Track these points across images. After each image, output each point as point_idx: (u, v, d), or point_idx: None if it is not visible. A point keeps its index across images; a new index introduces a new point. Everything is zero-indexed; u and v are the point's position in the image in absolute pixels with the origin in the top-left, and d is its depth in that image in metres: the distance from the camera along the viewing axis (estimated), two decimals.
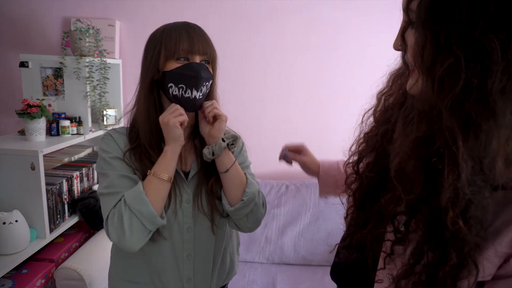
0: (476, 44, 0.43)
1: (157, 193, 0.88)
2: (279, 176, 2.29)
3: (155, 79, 0.93)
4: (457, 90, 0.44)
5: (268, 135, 2.29)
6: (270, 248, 2.06)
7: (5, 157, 1.54)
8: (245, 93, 2.27)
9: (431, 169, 0.49)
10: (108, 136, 0.98)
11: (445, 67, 0.45)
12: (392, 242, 0.59)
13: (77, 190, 1.90)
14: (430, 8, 0.47)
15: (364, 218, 0.68)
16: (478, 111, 0.44)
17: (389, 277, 0.63)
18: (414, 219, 0.54)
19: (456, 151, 0.45)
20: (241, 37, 2.20)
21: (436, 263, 0.51)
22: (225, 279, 1.08)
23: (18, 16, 2.21)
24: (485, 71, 0.43)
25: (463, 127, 0.45)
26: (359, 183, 0.73)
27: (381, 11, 2.09)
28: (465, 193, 0.46)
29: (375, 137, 0.70)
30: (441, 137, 0.47)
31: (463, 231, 0.47)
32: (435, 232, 0.50)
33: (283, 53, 2.21)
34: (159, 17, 2.17)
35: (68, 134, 1.86)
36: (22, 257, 1.51)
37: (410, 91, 0.56)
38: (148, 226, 0.87)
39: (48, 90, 1.96)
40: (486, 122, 0.44)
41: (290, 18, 2.16)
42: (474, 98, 0.44)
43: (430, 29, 0.47)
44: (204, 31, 0.94)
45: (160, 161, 0.90)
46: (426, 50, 0.47)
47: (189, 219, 0.96)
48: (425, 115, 0.49)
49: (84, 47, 1.89)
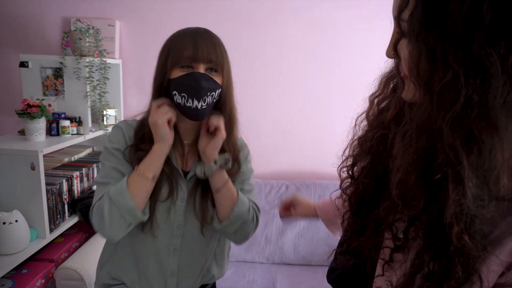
0: (474, 58, 0.42)
1: (140, 190, 0.90)
2: (279, 176, 2.29)
3: (164, 85, 0.93)
4: (458, 107, 0.43)
5: (268, 135, 2.29)
6: (270, 248, 2.06)
7: (5, 157, 1.54)
8: (245, 93, 2.26)
9: (432, 183, 0.48)
10: (117, 127, 0.99)
11: (444, 82, 0.44)
12: (391, 249, 0.58)
13: (77, 190, 1.90)
14: (423, 20, 0.45)
15: (361, 224, 0.67)
16: (480, 127, 0.43)
17: (387, 284, 0.62)
18: (413, 227, 0.53)
19: (461, 168, 0.44)
20: (241, 37, 2.20)
21: (440, 275, 0.50)
22: (210, 279, 1.09)
23: (18, 16, 2.21)
24: (485, 86, 0.42)
25: (465, 143, 0.44)
26: (355, 188, 0.71)
27: (382, 11, 2.08)
28: (470, 209, 0.45)
29: (369, 142, 0.69)
30: (443, 154, 0.46)
31: (469, 246, 0.46)
32: (437, 242, 0.50)
33: (283, 53, 2.21)
34: (159, 17, 2.17)
35: (68, 134, 1.86)
36: (22, 257, 1.51)
37: (405, 97, 0.55)
38: (128, 219, 0.90)
39: (48, 90, 1.96)
40: (489, 137, 0.43)
41: (290, 18, 2.16)
42: (475, 113, 0.43)
43: (425, 42, 0.45)
44: (214, 38, 0.93)
45: (146, 159, 0.91)
46: (421, 63, 0.46)
47: (181, 217, 0.98)
48: (425, 129, 0.48)
49: (84, 47, 1.89)
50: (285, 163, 2.33)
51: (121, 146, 0.96)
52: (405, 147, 0.51)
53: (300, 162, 2.32)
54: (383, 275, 0.62)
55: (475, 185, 0.45)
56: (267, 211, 2.12)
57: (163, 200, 0.95)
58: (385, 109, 0.69)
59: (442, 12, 0.43)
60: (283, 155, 2.32)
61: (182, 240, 0.99)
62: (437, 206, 0.48)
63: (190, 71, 0.89)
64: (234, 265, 2.01)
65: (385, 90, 0.70)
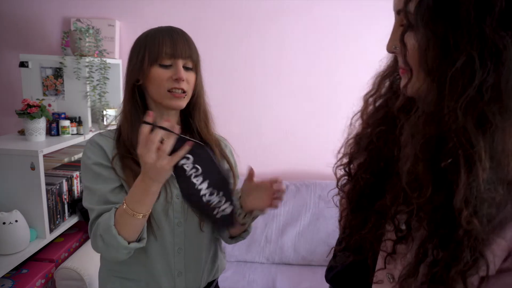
0: (488, 42, 0.43)
1: (130, 228, 0.85)
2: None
3: (138, 83, 0.93)
4: (472, 90, 0.44)
5: (268, 135, 2.29)
6: (270, 248, 2.06)
7: (5, 157, 1.54)
8: (245, 93, 2.27)
9: (441, 170, 0.49)
10: (92, 143, 0.95)
11: (458, 67, 0.45)
12: (393, 241, 0.59)
13: (77, 190, 1.90)
14: (433, 9, 0.46)
15: (362, 218, 0.67)
16: (493, 110, 0.44)
17: (389, 277, 0.62)
18: (416, 217, 0.53)
19: (473, 152, 0.45)
20: (241, 37, 2.20)
21: (447, 261, 0.50)
22: (215, 274, 1.10)
23: (18, 16, 2.22)
24: (499, 69, 0.43)
25: (479, 127, 0.45)
26: (353, 185, 0.71)
27: (382, 10, 2.08)
28: (480, 192, 0.46)
29: (367, 139, 0.69)
30: (454, 138, 0.46)
31: (477, 229, 0.47)
32: (441, 230, 0.50)
33: (283, 53, 2.21)
34: (159, 17, 2.17)
35: (68, 134, 1.86)
36: (22, 257, 1.51)
37: (406, 91, 0.56)
38: (121, 256, 0.87)
39: (48, 90, 1.96)
40: (501, 120, 0.45)
41: (290, 18, 2.16)
42: (488, 96, 0.44)
43: (435, 31, 0.46)
44: (188, 36, 0.95)
45: (137, 196, 0.82)
46: (429, 52, 0.47)
47: (179, 214, 0.97)
48: (433, 117, 0.49)
49: (84, 47, 1.89)
50: (285, 163, 2.33)
51: (105, 160, 0.93)
52: (414, 135, 0.51)
53: (300, 162, 2.32)
54: (385, 268, 0.62)
55: (488, 168, 0.45)
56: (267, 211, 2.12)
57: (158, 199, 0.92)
58: (380, 107, 0.69)
59: (452, 1, 0.44)
60: (283, 155, 2.32)
61: (185, 238, 0.98)
62: (444, 192, 0.49)
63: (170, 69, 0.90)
64: (234, 265, 2.01)
65: (379, 88, 0.70)
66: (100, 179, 0.93)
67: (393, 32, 0.56)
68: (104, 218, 0.88)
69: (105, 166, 0.93)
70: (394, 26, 0.55)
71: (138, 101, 0.95)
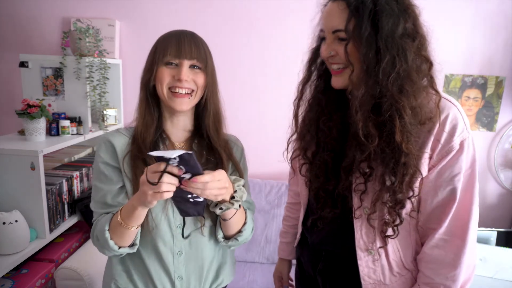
0: (399, 46, 0.77)
1: (122, 236, 0.89)
2: (279, 176, 2.29)
3: (151, 84, 0.95)
4: (394, 73, 0.77)
5: (268, 135, 2.29)
6: (270, 248, 2.06)
7: (5, 157, 1.54)
8: (245, 93, 2.27)
9: (382, 123, 0.80)
10: (104, 141, 0.97)
11: (386, 61, 0.77)
12: (363, 182, 0.86)
13: (77, 190, 1.90)
14: (367, 29, 0.77)
15: (334, 181, 0.92)
16: (407, 82, 0.78)
17: (365, 211, 0.88)
18: (373, 158, 0.82)
19: (400, 106, 0.78)
20: (241, 36, 2.20)
21: (400, 179, 0.81)
22: (222, 282, 1.06)
23: (18, 16, 2.22)
24: (407, 60, 0.78)
25: (400, 92, 0.78)
26: (319, 163, 0.95)
27: None
28: (408, 129, 0.79)
29: (314, 128, 0.96)
30: (388, 101, 0.78)
31: (412, 150, 0.79)
32: (391, 160, 0.81)
33: (283, 53, 2.21)
34: (159, 17, 2.17)
35: (68, 134, 1.86)
36: (22, 257, 1.51)
37: (342, 83, 0.86)
38: (114, 257, 0.94)
39: (48, 90, 1.96)
40: (411, 86, 0.79)
41: (290, 18, 2.16)
42: (403, 75, 0.78)
43: (369, 41, 0.77)
44: (198, 38, 0.96)
45: (129, 212, 0.85)
46: (368, 53, 0.77)
47: (179, 216, 0.95)
48: (373, 92, 0.79)
49: (84, 47, 1.89)
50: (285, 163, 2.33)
51: (109, 159, 0.96)
52: (361, 106, 0.80)
53: None
54: (361, 206, 0.89)
55: (410, 114, 0.78)
56: (267, 211, 2.12)
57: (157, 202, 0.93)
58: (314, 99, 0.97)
59: (376, 25, 0.77)
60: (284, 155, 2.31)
61: (185, 241, 0.97)
62: (386, 137, 0.80)
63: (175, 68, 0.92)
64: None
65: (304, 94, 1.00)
66: (103, 178, 0.95)
67: (329, 44, 0.84)
68: (101, 220, 0.92)
69: (111, 166, 0.95)
70: (328, 40, 0.85)
71: (150, 101, 0.97)
